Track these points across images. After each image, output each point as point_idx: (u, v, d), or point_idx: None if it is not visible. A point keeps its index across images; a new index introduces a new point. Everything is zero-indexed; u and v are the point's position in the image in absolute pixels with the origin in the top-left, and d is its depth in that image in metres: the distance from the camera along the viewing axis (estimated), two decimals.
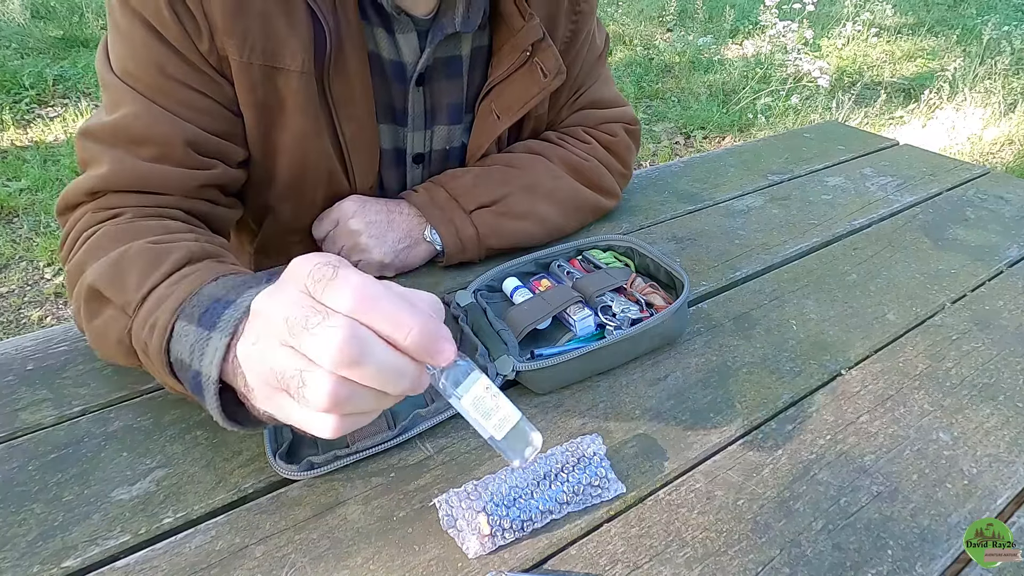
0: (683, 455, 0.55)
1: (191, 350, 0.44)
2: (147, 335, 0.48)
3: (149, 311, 0.49)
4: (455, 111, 0.78)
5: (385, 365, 0.32)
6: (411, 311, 0.33)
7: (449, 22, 0.69)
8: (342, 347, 0.31)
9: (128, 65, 0.60)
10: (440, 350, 0.33)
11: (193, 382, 0.44)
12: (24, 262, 2.09)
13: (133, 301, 0.50)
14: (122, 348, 0.52)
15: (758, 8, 4.46)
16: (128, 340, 0.51)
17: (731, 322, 0.71)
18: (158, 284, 0.51)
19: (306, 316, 0.32)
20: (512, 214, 0.77)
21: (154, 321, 0.48)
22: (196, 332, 0.44)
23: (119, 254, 0.54)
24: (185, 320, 0.46)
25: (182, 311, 0.46)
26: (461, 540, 0.47)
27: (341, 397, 0.32)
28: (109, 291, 0.52)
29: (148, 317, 0.49)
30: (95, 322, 0.54)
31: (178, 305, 0.47)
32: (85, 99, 3.12)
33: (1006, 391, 0.63)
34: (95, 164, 0.61)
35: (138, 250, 0.54)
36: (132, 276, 0.52)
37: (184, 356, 0.45)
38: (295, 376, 0.32)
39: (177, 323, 0.46)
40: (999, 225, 0.92)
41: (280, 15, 0.60)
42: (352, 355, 0.31)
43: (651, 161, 2.92)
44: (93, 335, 0.56)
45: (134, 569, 0.45)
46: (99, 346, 0.57)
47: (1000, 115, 3.30)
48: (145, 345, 0.48)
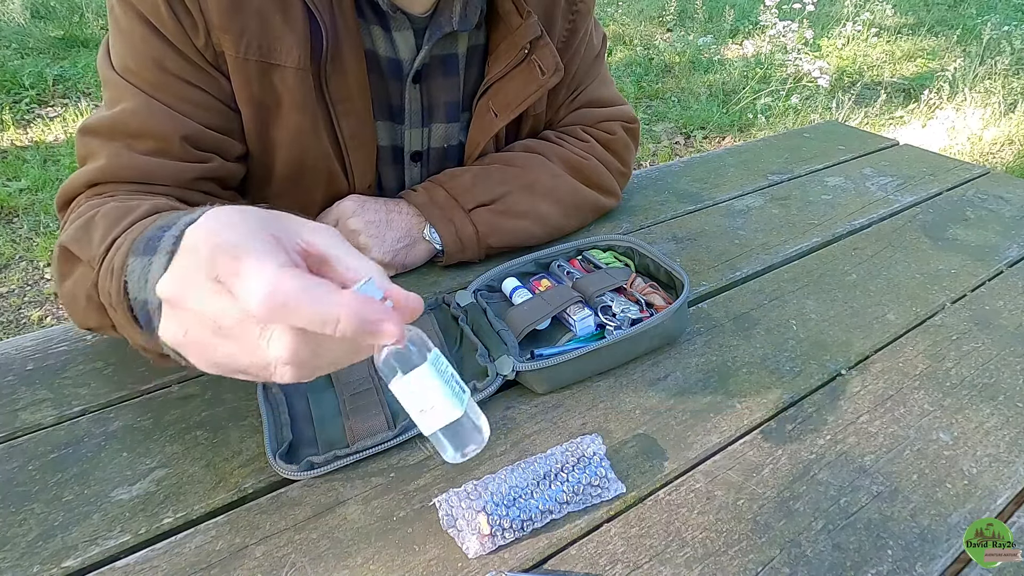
0: (683, 455, 0.55)
1: (138, 282, 0.43)
2: (108, 283, 0.47)
3: (110, 259, 0.47)
4: (452, 109, 0.78)
5: (338, 353, 0.33)
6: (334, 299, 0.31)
7: (446, 20, 0.69)
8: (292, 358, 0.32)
9: (128, 62, 0.61)
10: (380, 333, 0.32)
11: (143, 315, 0.43)
12: (24, 262, 2.09)
13: (98, 254, 0.49)
14: (92, 305, 0.51)
15: (758, 8, 4.46)
16: (96, 294, 0.49)
17: (731, 322, 0.71)
18: (121, 234, 0.49)
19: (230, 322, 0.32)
20: (511, 213, 0.77)
21: (112, 266, 0.46)
22: (141, 262, 0.43)
23: (90, 215, 0.54)
24: (133, 255, 0.44)
25: (132, 248, 0.45)
26: (461, 540, 0.47)
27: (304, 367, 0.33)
28: (77, 248, 0.52)
29: (108, 264, 0.47)
30: (66, 283, 0.54)
31: (131, 245, 0.45)
32: (85, 99, 3.12)
33: (1006, 391, 0.63)
34: (93, 158, 0.62)
35: (107, 209, 0.53)
36: (98, 231, 0.51)
37: (136, 293, 0.43)
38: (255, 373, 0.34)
39: (128, 260, 0.45)
40: (999, 225, 0.92)
41: (276, 12, 0.61)
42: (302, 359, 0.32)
43: (651, 161, 2.92)
44: (65, 298, 0.55)
45: (134, 569, 0.45)
46: (72, 308, 0.55)
47: (1000, 115, 3.30)
48: (109, 295, 0.47)
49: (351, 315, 0.31)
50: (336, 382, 0.59)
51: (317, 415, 0.56)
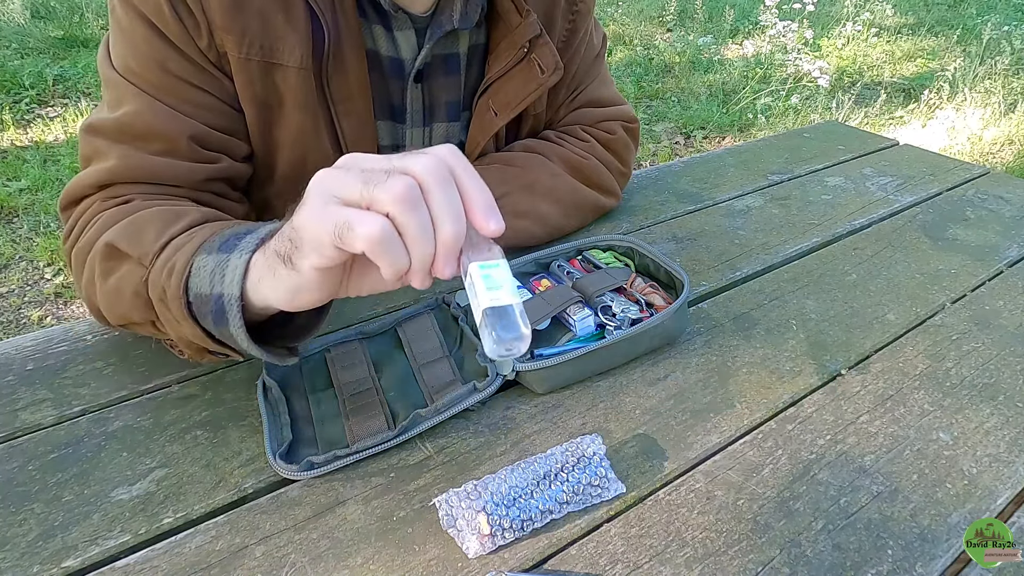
0: (683, 455, 0.55)
1: (211, 278, 0.46)
2: (165, 279, 0.49)
3: (168, 257, 0.50)
4: (453, 108, 0.78)
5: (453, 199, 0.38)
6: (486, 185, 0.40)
7: (447, 19, 0.69)
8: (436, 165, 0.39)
9: (130, 62, 0.61)
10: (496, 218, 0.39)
11: (215, 308, 0.46)
12: (24, 262, 2.09)
13: (151, 252, 0.52)
14: (138, 301, 0.53)
15: (758, 8, 4.47)
16: (145, 290, 0.52)
17: (731, 322, 0.71)
18: (177, 235, 0.52)
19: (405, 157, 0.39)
20: (511, 213, 0.76)
21: (172, 264, 0.49)
22: (215, 259, 0.47)
23: (135, 215, 0.56)
24: (204, 254, 0.48)
25: (201, 248, 0.48)
26: (461, 540, 0.47)
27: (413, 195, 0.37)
28: (126, 245, 0.53)
29: (166, 262, 0.50)
30: (110, 280, 0.55)
31: (198, 247, 0.49)
32: (85, 99, 3.12)
33: (1006, 391, 0.63)
34: (100, 158, 0.61)
35: (155, 210, 0.56)
36: (150, 230, 0.53)
37: (204, 288, 0.47)
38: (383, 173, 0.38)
39: (196, 259, 0.48)
40: (999, 225, 0.92)
41: (278, 11, 0.61)
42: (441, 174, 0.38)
43: (651, 161, 2.92)
44: (106, 294, 0.56)
45: (134, 569, 0.45)
46: (112, 304, 0.56)
47: (1000, 115, 3.30)
48: (163, 291, 0.49)
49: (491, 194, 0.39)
50: (336, 382, 0.59)
51: (317, 415, 0.56)
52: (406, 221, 0.37)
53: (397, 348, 0.64)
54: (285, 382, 0.59)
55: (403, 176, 0.37)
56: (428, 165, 0.38)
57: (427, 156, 0.38)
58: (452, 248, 0.39)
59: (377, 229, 0.37)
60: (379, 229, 0.37)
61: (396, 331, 0.66)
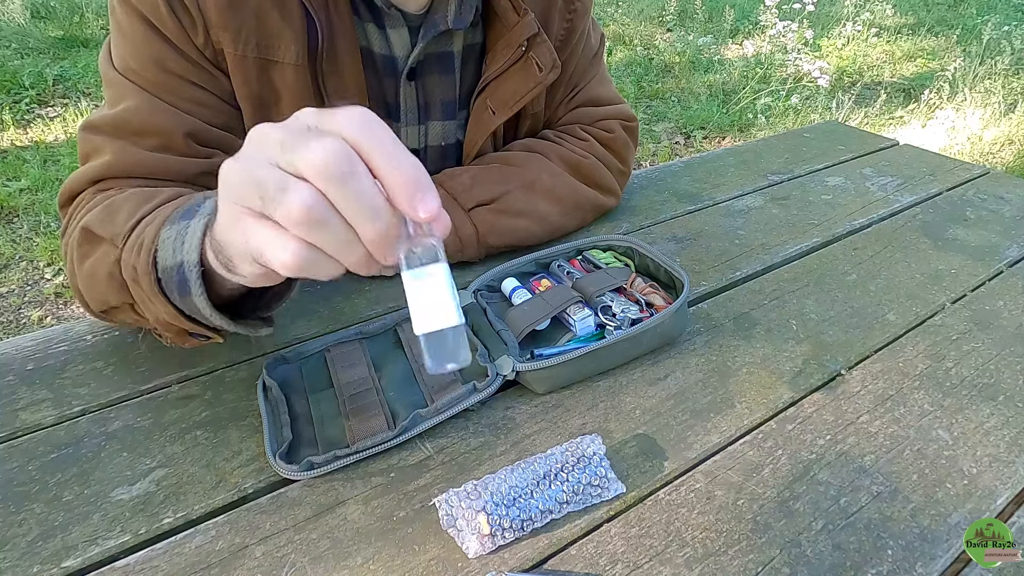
0: (683, 455, 0.55)
1: (173, 247, 0.44)
2: (135, 257, 0.48)
3: (138, 234, 0.50)
4: (448, 107, 0.78)
5: (365, 194, 0.32)
6: (407, 153, 0.32)
7: (441, 19, 0.70)
8: (330, 158, 0.31)
9: (129, 61, 0.61)
10: (425, 200, 0.32)
11: (179, 279, 0.44)
12: (24, 262, 2.09)
13: (123, 232, 0.51)
14: (113, 283, 0.52)
15: (758, 8, 4.46)
16: (118, 271, 0.51)
17: (731, 322, 0.71)
18: (148, 213, 0.51)
19: (304, 137, 0.32)
20: (511, 212, 0.77)
21: (141, 241, 0.48)
22: (177, 228, 0.45)
23: (112, 199, 0.56)
24: (168, 225, 0.46)
25: (167, 221, 0.47)
26: (461, 540, 0.47)
27: (315, 215, 0.31)
28: (100, 228, 0.53)
29: (136, 240, 0.49)
30: (86, 264, 0.55)
31: (164, 220, 0.47)
32: (85, 99, 3.12)
33: (1006, 391, 0.63)
34: (97, 155, 0.62)
35: (129, 193, 0.56)
36: (123, 211, 0.53)
37: (168, 260, 0.45)
38: (275, 185, 0.32)
39: (161, 232, 0.46)
40: (999, 225, 0.92)
41: (273, 9, 0.62)
42: (338, 168, 0.31)
43: (651, 161, 2.92)
44: (84, 278, 0.56)
45: (134, 569, 0.45)
46: (90, 288, 0.56)
47: (1000, 115, 3.30)
48: (134, 270, 0.48)
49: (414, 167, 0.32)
50: (336, 382, 0.59)
51: (317, 415, 0.56)
52: (318, 241, 0.33)
53: (397, 348, 0.64)
54: (285, 382, 0.59)
55: (298, 188, 0.31)
56: (321, 161, 0.31)
57: (322, 145, 0.31)
58: (383, 245, 0.33)
59: (290, 257, 0.33)
60: (292, 256, 0.33)
61: (396, 331, 0.66)
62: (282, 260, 0.33)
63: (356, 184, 0.31)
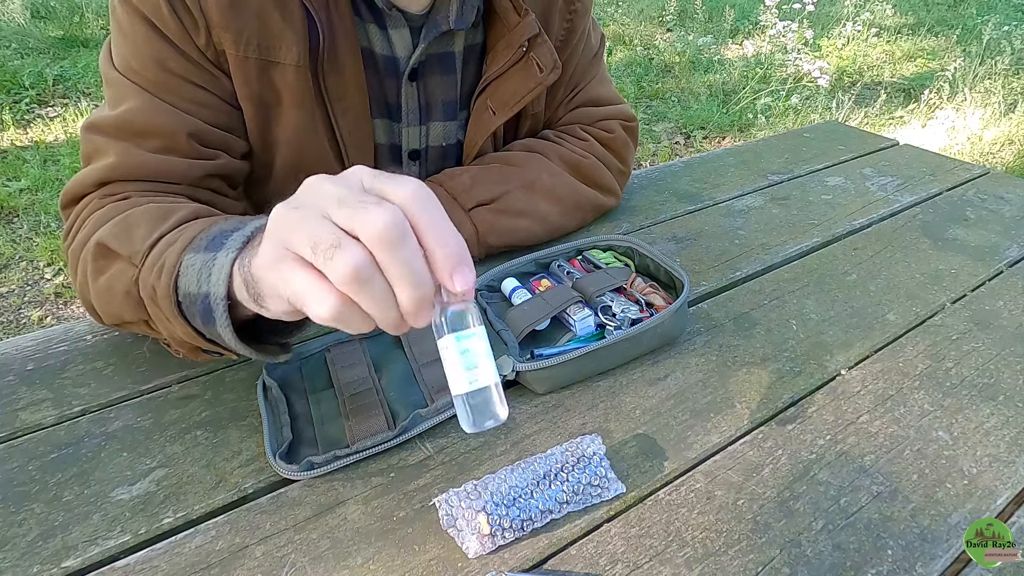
0: (683, 455, 0.55)
1: (198, 276, 0.45)
2: (155, 278, 0.49)
3: (157, 255, 0.50)
4: (449, 107, 0.78)
5: (413, 262, 0.34)
6: (454, 230, 0.35)
7: (443, 19, 0.70)
8: (388, 225, 0.33)
9: (130, 62, 0.61)
10: (463, 274, 0.35)
11: (203, 308, 0.45)
12: (24, 262, 2.09)
13: (141, 250, 0.51)
14: (130, 300, 0.53)
15: (758, 8, 4.47)
16: (136, 290, 0.51)
17: (731, 322, 0.71)
18: (167, 233, 0.52)
19: (360, 198, 0.34)
20: (511, 212, 0.77)
21: (162, 263, 0.49)
22: (203, 258, 0.46)
23: (127, 213, 0.56)
24: (192, 252, 0.47)
25: (189, 247, 0.48)
26: (461, 540, 0.47)
27: (363, 275, 0.33)
28: (116, 244, 0.53)
29: (156, 261, 0.50)
30: (101, 279, 0.55)
31: (186, 245, 0.48)
32: (85, 99, 3.12)
33: (1006, 391, 0.63)
34: (100, 156, 0.62)
35: (145, 208, 0.56)
36: (140, 229, 0.53)
37: (192, 287, 0.46)
38: (330, 240, 0.33)
39: (184, 257, 0.47)
40: (999, 225, 0.92)
41: (274, 9, 0.62)
42: (393, 236, 0.33)
43: (651, 161, 2.92)
44: (99, 293, 0.56)
45: (134, 569, 0.45)
46: (104, 304, 0.56)
47: (1000, 115, 3.30)
48: (152, 290, 0.49)
49: (460, 244, 0.35)
50: (336, 382, 0.59)
51: (317, 415, 0.56)
52: (358, 298, 0.34)
53: (397, 348, 0.64)
54: (285, 382, 0.59)
55: (352, 248, 0.33)
56: (380, 227, 0.33)
57: (382, 211, 0.33)
58: (416, 311, 0.35)
59: (328, 309, 0.34)
60: (330, 309, 0.34)
61: None
62: (319, 311, 0.35)
63: (406, 252, 0.34)
